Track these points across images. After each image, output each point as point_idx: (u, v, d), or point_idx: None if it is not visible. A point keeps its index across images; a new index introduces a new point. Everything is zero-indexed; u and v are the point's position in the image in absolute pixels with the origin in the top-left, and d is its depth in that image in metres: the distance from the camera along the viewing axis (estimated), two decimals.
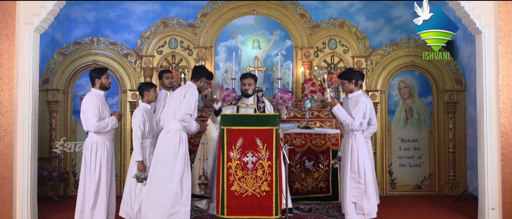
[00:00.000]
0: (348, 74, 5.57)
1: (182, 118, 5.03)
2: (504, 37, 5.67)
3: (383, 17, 8.52)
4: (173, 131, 5.10)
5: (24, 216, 5.62)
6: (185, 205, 5.05)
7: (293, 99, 7.56)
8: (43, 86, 7.65)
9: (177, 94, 5.20)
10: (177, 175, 5.02)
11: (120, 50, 7.89)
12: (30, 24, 5.71)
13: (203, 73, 5.36)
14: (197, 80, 5.32)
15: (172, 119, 5.12)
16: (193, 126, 5.18)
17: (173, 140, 5.07)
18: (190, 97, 5.07)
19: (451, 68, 7.91)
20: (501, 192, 5.64)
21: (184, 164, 5.07)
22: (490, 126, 5.68)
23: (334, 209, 6.28)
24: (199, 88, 5.31)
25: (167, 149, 5.06)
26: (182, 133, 5.12)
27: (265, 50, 8.11)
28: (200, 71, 5.38)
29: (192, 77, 5.38)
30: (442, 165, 7.96)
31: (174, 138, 5.08)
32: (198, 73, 5.35)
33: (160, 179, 5.03)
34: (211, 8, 7.99)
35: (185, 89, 5.16)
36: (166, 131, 5.13)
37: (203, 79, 5.33)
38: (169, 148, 5.05)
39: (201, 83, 5.34)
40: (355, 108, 5.41)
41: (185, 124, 5.08)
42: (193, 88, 5.20)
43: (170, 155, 5.04)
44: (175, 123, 5.11)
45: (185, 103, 5.04)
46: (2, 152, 5.54)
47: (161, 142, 5.13)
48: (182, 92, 5.14)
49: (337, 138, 6.55)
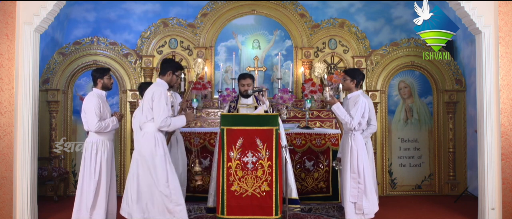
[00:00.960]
0: (353, 72, 5.64)
1: (160, 126, 4.81)
2: (504, 37, 5.67)
3: (383, 17, 8.52)
4: (147, 134, 4.87)
5: (24, 216, 5.62)
6: (178, 204, 4.87)
7: (293, 99, 7.56)
8: (43, 86, 7.65)
9: (146, 95, 4.91)
10: (160, 178, 4.82)
11: (120, 50, 7.89)
12: (30, 24, 5.71)
13: (169, 66, 5.03)
14: (164, 75, 5.01)
15: (145, 121, 4.88)
16: (176, 123, 4.94)
17: (149, 143, 4.84)
18: (158, 100, 4.79)
19: (451, 68, 7.91)
20: (501, 192, 5.64)
21: (165, 165, 4.85)
22: (490, 126, 5.68)
23: (334, 209, 6.28)
24: (168, 83, 5.03)
25: (145, 153, 4.85)
26: (157, 134, 4.88)
27: (265, 50, 8.11)
28: (165, 65, 5.06)
29: (159, 72, 5.09)
30: (442, 165, 7.96)
31: (150, 141, 4.84)
32: (164, 68, 5.04)
33: (147, 185, 4.85)
34: (211, 8, 7.99)
35: (152, 90, 4.89)
36: (141, 134, 4.91)
37: (170, 72, 5.01)
38: (147, 152, 4.84)
39: (169, 77, 5.02)
40: (354, 108, 5.41)
41: (166, 128, 4.89)
42: (159, 87, 4.89)
43: (150, 159, 4.83)
44: (149, 125, 4.88)
45: (156, 109, 4.79)
46: (2, 152, 5.54)
47: (138, 146, 4.93)
48: (150, 93, 4.86)
49: (337, 138, 6.55)
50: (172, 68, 5.03)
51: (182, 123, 5.01)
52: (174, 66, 5.08)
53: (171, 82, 5.06)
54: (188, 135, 6.65)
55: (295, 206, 5.68)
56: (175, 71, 5.05)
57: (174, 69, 5.04)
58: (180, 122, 4.99)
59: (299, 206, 5.75)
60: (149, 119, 4.85)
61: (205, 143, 6.64)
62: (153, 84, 5.03)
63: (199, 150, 6.65)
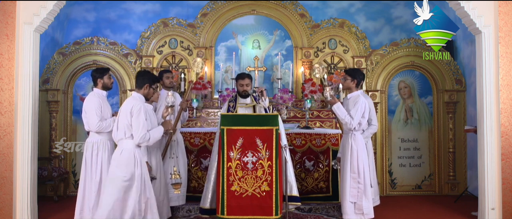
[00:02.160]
0: (354, 72, 5.65)
1: (139, 142, 4.64)
2: (504, 37, 5.67)
3: (383, 17, 8.52)
4: (126, 151, 4.65)
5: (24, 216, 5.62)
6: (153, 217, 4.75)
7: (293, 99, 7.56)
8: (43, 86, 7.65)
9: (123, 110, 4.72)
10: (132, 197, 4.60)
11: (120, 50, 7.89)
12: (30, 24, 5.71)
13: (146, 79, 4.86)
14: (141, 88, 4.85)
15: (123, 138, 4.68)
16: (154, 136, 4.78)
17: (128, 163, 4.62)
18: (137, 116, 4.62)
19: (451, 68, 7.91)
20: (501, 192, 5.64)
21: (140, 185, 4.64)
22: (490, 126, 5.68)
23: (334, 209, 6.28)
24: (145, 96, 4.88)
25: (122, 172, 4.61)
26: (136, 152, 4.67)
27: (265, 50, 8.11)
28: (141, 78, 4.88)
29: (136, 85, 4.90)
30: (442, 165, 7.96)
31: (129, 161, 4.62)
32: (140, 81, 4.86)
33: (117, 204, 4.61)
34: (211, 8, 7.99)
35: (130, 105, 4.69)
36: (119, 152, 4.68)
37: (147, 85, 4.85)
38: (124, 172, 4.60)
39: (146, 91, 4.86)
40: (354, 108, 5.42)
41: (146, 143, 4.73)
42: (137, 101, 4.71)
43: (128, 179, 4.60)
44: (127, 143, 4.68)
45: (135, 125, 4.61)
46: (2, 152, 5.54)
47: (114, 164, 4.69)
48: (128, 108, 4.67)
49: (337, 138, 6.55)
50: (149, 81, 4.87)
51: (160, 133, 4.87)
52: (151, 79, 4.91)
53: (148, 95, 4.91)
54: (188, 135, 6.65)
55: (295, 204, 5.66)
56: (152, 84, 4.90)
57: (151, 82, 4.89)
58: (158, 133, 4.84)
59: (299, 203, 5.71)
60: (127, 135, 4.67)
61: (205, 143, 6.64)
62: (129, 99, 4.84)
63: (199, 150, 6.66)
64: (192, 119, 7.36)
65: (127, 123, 4.66)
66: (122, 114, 4.71)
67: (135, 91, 4.89)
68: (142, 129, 4.62)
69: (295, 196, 5.64)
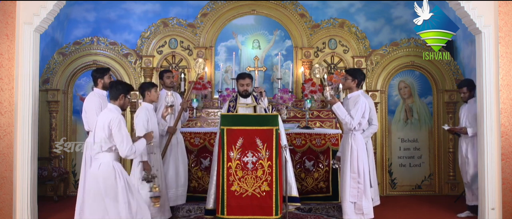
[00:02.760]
0: (354, 72, 5.65)
1: (127, 155, 4.44)
2: (504, 37, 5.67)
3: (383, 17, 8.52)
4: (104, 165, 4.43)
5: (24, 216, 5.62)
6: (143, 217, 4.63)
7: (293, 99, 7.56)
8: (43, 86, 7.65)
9: (100, 123, 4.50)
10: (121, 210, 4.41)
11: (120, 50, 7.89)
12: (30, 24, 5.70)
13: (121, 89, 4.63)
14: (116, 99, 4.59)
15: (99, 151, 4.44)
16: (139, 148, 4.60)
17: (108, 176, 4.41)
18: (119, 129, 4.40)
19: (451, 68, 7.91)
20: (501, 192, 5.63)
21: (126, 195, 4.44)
22: (490, 126, 5.68)
23: (334, 209, 6.28)
24: (121, 107, 4.64)
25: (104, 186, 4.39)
26: (115, 164, 4.45)
27: (265, 50, 8.11)
28: (115, 89, 4.63)
29: (110, 97, 4.64)
30: (442, 165, 7.95)
31: (109, 174, 4.42)
32: (114, 92, 4.62)
33: None
34: (211, 8, 7.99)
35: (108, 118, 4.46)
36: (97, 166, 4.45)
37: (122, 96, 4.60)
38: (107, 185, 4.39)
39: (121, 101, 4.61)
40: (354, 108, 5.42)
41: (133, 156, 4.58)
42: (115, 114, 4.48)
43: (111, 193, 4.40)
44: (105, 156, 4.44)
45: (119, 138, 4.39)
46: (2, 152, 5.54)
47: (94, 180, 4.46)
48: (105, 122, 4.44)
49: (337, 138, 6.55)
50: (124, 91, 4.64)
51: (143, 145, 4.68)
52: (126, 89, 4.68)
53: (124, 106, 4.66)
54: (188, 135, 6.65)
55: (295, 204, 5.67)
56: (127, 94, 4.67)
57: (126, 92, 4.65)
58: (142, 145, 4.65)
59: (299, 203, 5.72)
60: (105, 149, 4.42)
61: (205, 143, 6.64)
62: (105, 111, 4.59)
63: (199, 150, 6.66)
64: (192, 119, 7.36)
65: (104, 136, 4.42)
66: (99, 127, 4.47)
67: (111, 103, 4.60)
68: (127, 140, 4.42)
69: (294, 196, 5.64)
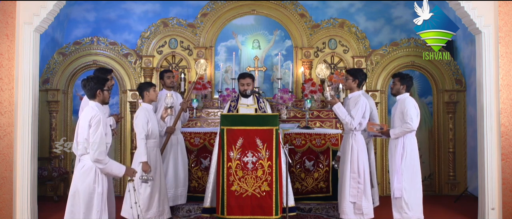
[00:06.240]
0: (355, 72, 5.65)
1: (96, 159, 4.18)
2: (504, 37, 5.67)
3: (383, 17, 8.52)
4: (86, 167, 4.24)
5: (24, 216, 5.62)
6: None
7: (293, 99, 7.56)
8: (43, 86, 7.65)
9: (82, 123, 4.29)
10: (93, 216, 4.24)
11: (120, 50, 7.89)
12: (30, 24, 5.71)
13: (96, 85, 4.35)
14: (94, 96, 4.36)
15: (83, 153, 4.26)
16: (112, 167, 4.28)
17: (87, 179, 4.22)
18: (95, 129, 4.17)
19: (451, 68, 7.91)
20: (501, 192, 5.64)
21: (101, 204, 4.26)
22: (490, 126, 5.68)
23: (334, 209, 6.28)
24: (102, 102, 4.42)
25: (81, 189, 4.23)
26: (98, 169, 4.25)
27: (265, 50, 8.11)
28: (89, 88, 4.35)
29: (87, 96, 4.41)
30: (442, 165, 7.95)
31: (89, 176, 4.23)
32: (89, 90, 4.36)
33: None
34: (211, 8, 7.99)
35: (88, 115, 4.23)
36: (81, 167, 4.29)
37: (99, 91, 4.35)
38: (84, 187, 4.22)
39: (100, 97, 4.37)
40: (355, 108, 5.42)
41: (101, 166, 4.22)
42: (95, 111, 4.25)
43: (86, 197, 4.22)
44: (87, 158, 4.26)
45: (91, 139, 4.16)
46: (2, 152, 5.54)
47: (74, 181, 4.31)
48: (86, 120, 4.23)
49: (337, 138, 6.55)
50: (100, 86, 4.36)
51: (120, 172, 4.37)
52: (100, 82, 4.39)
53: (105, 100, 4.44)
54: (188, 135, 6.65)
55: (291, 214, 5.67)
56: (103, 87, 4.37)
57: (101, 87, 4.37)
58: (117, 170, 4.35)
59: (294, 213, 5.77)
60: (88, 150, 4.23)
61: (205, 143, 6.64)
62: (87, 109, 4.33)
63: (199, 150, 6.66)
64: (192, 119, 7.36)
65: (86, 136, 4.21)
66: (81, 127, 4.27)
67: (91, 100, 4.38)
68: (100, 144, 4.15)
69: (291, 207, 5.68)
